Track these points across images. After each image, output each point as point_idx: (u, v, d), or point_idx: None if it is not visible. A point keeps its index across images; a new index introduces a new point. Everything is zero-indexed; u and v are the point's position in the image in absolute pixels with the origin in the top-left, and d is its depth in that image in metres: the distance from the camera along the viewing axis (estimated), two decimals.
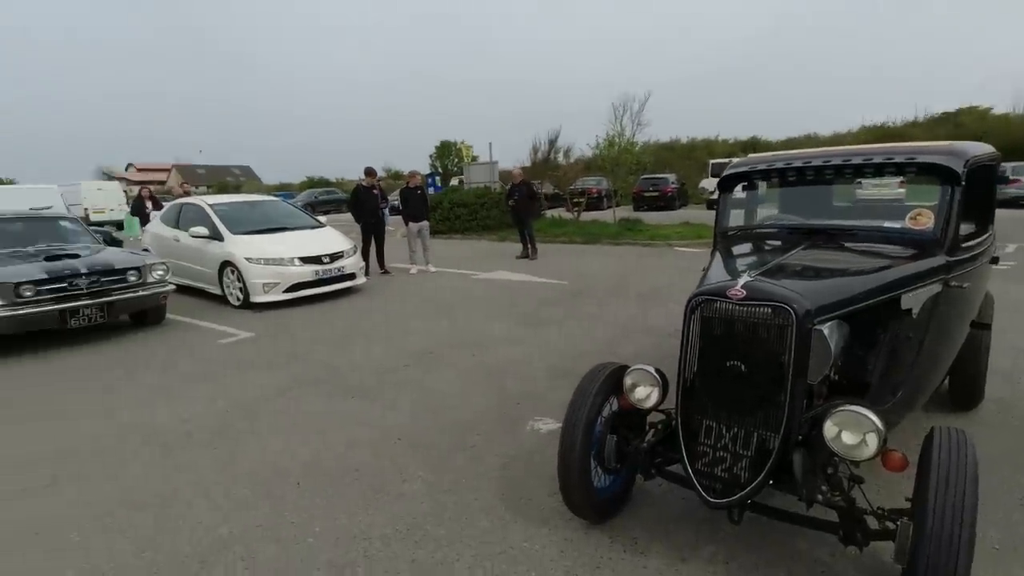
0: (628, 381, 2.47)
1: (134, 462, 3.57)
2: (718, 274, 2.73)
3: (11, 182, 35.66)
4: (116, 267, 6.36)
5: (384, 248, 10.49)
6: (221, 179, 67.61)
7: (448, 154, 41.65)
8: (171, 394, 4.73)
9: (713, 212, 4.01)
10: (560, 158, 22.74)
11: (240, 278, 7.87)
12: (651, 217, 17.61)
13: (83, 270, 6.08)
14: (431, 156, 42.90)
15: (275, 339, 6.32)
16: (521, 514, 2.87)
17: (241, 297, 7.92)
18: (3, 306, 5.59)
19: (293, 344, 6.08)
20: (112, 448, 3.77)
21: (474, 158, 26.04)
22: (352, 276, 8.61)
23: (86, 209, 22.09)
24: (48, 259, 6.20)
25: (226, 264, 8.07)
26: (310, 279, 8.05)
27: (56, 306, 5.87)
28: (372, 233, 10.23)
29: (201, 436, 3.91)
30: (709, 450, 2.23)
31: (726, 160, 23.22)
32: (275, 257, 7.90)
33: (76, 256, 6.40)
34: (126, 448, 3.77)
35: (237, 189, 46.22)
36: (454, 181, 25.74)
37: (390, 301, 8.20)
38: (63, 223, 7.72)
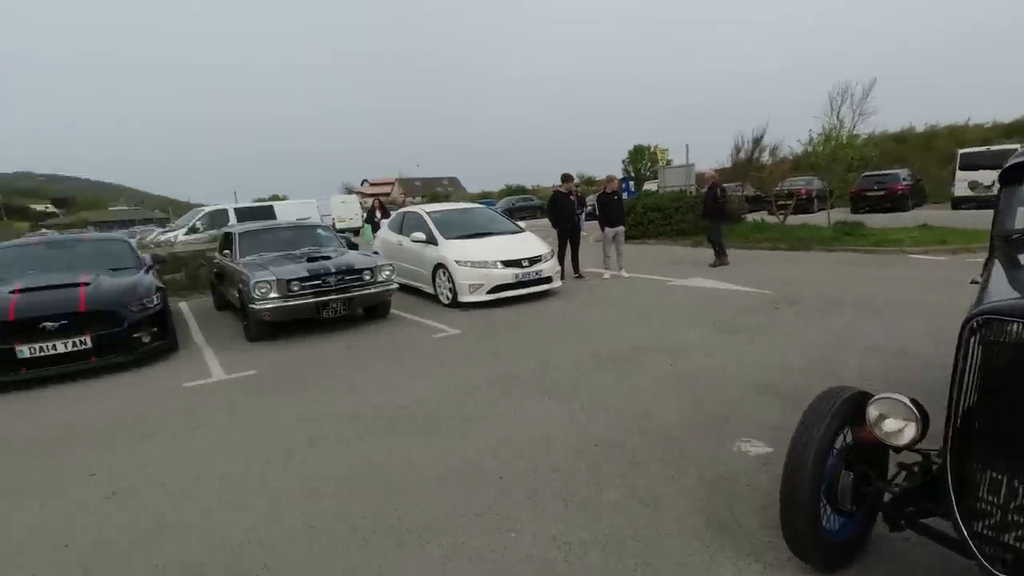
0: (874, 411, 2.05)
1: (365, 440, 4.04)
2: (1004, 289, 2.14)
3: (284, 198, 44.06)
4: (356, 267, 7.35)
5: (579, 253, 10.58)
6: (433, 190, 75.27)
7: (641, 158, 40.82)
8: (394, 382, 5.29)
9: (963, 212, 3.20)
10: (765, 157, 20.71)
11: (450, 279, 8.56)
12: (875, 220, 15.14)
13: (332, 269, 7.15)
14: (624, 161, 42.43)
15: (480, 337, 6.72)
16: (730, 543, 2.59)
17: (450, 297, 8.60)
18: (278, 298, 6.80)
19: (495, 343, 6.40)
20: (349, 427, 4.32)
21: (668, 161, 25.09)
22: (549, 279, 8.83)
23: (333, 219, 26.21)
24: (309, 260, 7.41)
25: (439, 266, 8.84)
26: (511, 281, 8.43)
27: (313, 299, 6.98)
28: (568, 238, 10.38)
29: (418, 424, 4.28)
30: (995, 510, 1.74)
31: (982, 148, 19.02)
32: (480, 260, 8.44)
33: (328, 258, 7.56)
34: (359, 427, 4.28)
35: (447, 198, 50.96)
36: (649, 185, 25.09)
37: (584, 305, 8.22)
38: (319, 231, 9.18)
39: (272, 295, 6.76)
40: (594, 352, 5.70)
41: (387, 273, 7.71)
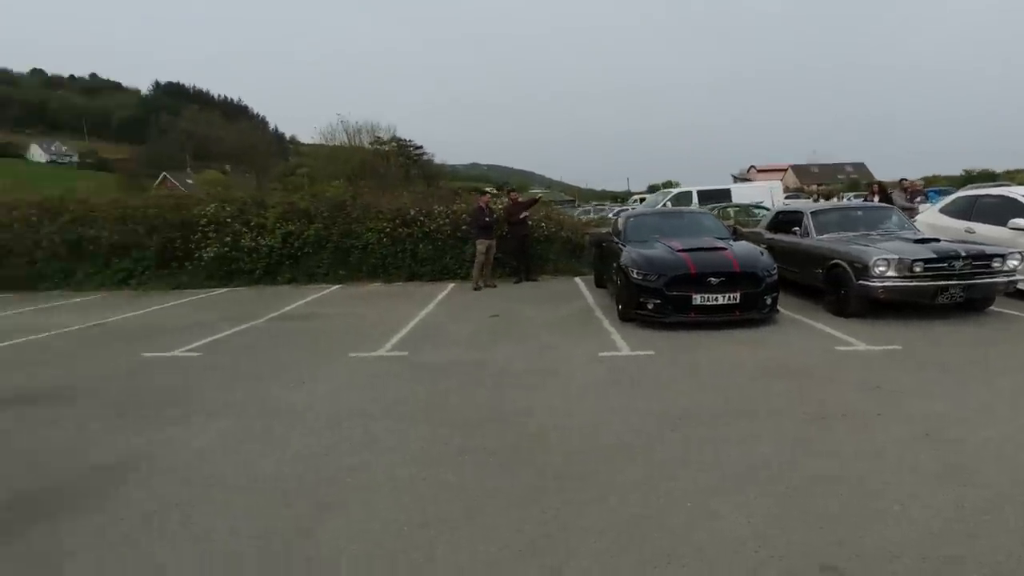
0: None
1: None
2: None
3: (676, 184, 44.30)
4: (987, 252, 6.55)
5: None
6: (833, 177, 66.57)
7: None
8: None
9: None
10: None
11: None
12: None
13: (963, 253, 6.51)
14: None
15: None
16: None
17: None
18: (896, 277, 6.56)
19: None
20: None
21: None
22: None
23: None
24: (919, 242, 6.97)
25: None
26: None
27: (933, 283, 6.50)
28: None
29: None
30: None
31: None
32: None
33: (937, 240, 7.00)
34: None
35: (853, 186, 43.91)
36: None
37: None
38: (886, 212, 8.70)
39: (890, 274, 6.57)
40: None
41: (1014, 263, 6.64)
